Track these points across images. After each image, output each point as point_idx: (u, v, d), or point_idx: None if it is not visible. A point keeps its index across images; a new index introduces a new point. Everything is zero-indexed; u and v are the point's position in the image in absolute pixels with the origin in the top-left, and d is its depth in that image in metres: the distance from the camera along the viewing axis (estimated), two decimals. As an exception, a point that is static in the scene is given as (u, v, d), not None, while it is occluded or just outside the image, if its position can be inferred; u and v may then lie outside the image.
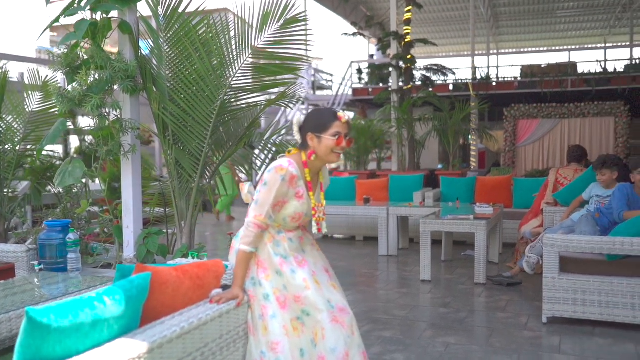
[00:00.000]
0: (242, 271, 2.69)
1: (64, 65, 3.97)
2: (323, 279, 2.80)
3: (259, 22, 3.75)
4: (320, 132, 2.67)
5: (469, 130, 12.49)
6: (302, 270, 2.71)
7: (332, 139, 2.65)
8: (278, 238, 2.77)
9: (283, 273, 2.70)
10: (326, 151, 2.67)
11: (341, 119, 2.67)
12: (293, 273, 2.70)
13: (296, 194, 2.69)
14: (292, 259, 2.74)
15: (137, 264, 2.45)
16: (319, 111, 2.80)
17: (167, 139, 4.06)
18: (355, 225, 8.79)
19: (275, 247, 2.75)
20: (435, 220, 6.02)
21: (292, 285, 2.68)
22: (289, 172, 2.63)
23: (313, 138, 2.69)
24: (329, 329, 2.61)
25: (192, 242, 4.23)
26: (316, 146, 2.69)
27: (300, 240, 2.85)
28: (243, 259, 2.68)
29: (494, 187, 8.29)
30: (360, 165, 12.87)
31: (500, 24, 21.29)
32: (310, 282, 2.68)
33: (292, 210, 2.70)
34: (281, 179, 2.62)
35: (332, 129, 2.65)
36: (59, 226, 4.21)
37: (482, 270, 5.78)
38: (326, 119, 2.69)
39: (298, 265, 2.73)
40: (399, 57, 11.36)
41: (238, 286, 2.68)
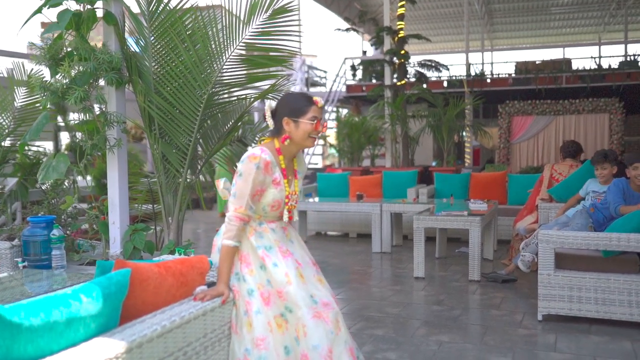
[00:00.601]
0: (227, 267, 2.60)
1: (46, 58, 3.86)
2: (309, 272, 2.71)
3: (247, 12, 3.64)
4: (297, 116, 2.63)
5: (463, 126, 12.43)
6: (285, 263, 2.63)
7: (310, 123, 2.62)
8: (260, 230, 2.69)
9: (266, 267, 2.61)
10: (303, 136, 2.64)
11: (317, 104, 2.65)
12: (275, 267, 2.61)
13: (273, 181, 2.64)
14: (276, 249, 2.66)
15: (117, 260, 2.36)
16: (294, 95, 2.75)
17: (153, 133, 3.96)
18: (348, 222, 8.71)
19: (258, 239, 2.67)
20: (429, 216, 5.93)
21: (275, 280, 2.59)
22: (262, 159, 2.57)
23: (289, 122, 2.65)
24: (311, 325, 2.53)
25: (180, 238, 4.14)
26: (292, 131, 2.65)
27: (284, 230, 2.77)
28: (227, 253, 2.59)
29: (488, 183, 8.22)
30: (353, 161, 12.78)
31: (494, 21, 21.23)
32: (292, 277, 2.59)
33: (270, 198, 2.64)
34: (256, 167, 2.56)
35: (309, 113, 2.63)
36: (43, 222, 4.11)
37: (477, 267, 5.70)
38: (303, 103, 2.65)
39: (282, 256, 2.64)
40: (393, 52, 11.27)
41: (223, 283, 2.59)
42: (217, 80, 3.88)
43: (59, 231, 3.97)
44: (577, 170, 5.85)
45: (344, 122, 12.93)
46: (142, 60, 3.91)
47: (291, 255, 2.67)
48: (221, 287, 2.57)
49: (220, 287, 2.57)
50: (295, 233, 2.88)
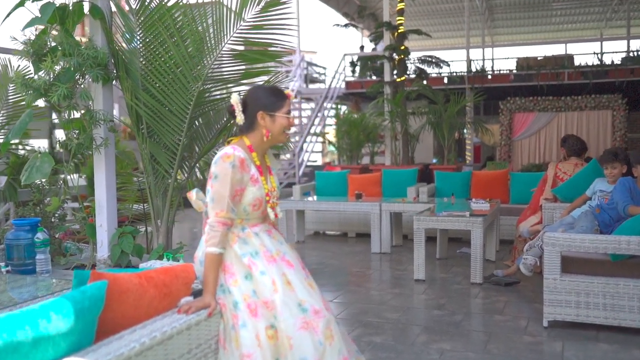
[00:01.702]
0: (213, 276, 2.43)
1: (29, 53, 3.68)
2: (299, 277, 2.54)
3: (238, 5, 3.46)
4: (273, 110, 2.50)
5: (464, 123, 12.24)
6: (271, 270, 2.46)
7: (287, 117, 2.52)
8: (243, 235, 2.53)
9: (252, 276, 2.44)
10: (279, 130, 2.53)
11: (290, 97, 2.55)
12: (263, 275, 2.44)
13: (251, 179, 2.49)
14: (261, 255, 2.49)
15: (92, 271, 2.18)
16: (267, 89, 2.60)
17: (141, 132, 3.79)
18: (347, 221, 8.53)
19: (243, 246, 2.50)
20: (430, 217, 5.76)
21: (261, 289, 2.42)
22: (236, 156, 2.43)
23: (265, 117, 2.51)
24: (296, 337, 2.36)
25: (170, 241, 3.96)
26: (269, 125, 2.52)
27: (269, 233, 2.60)
28: (213, 262, 2.42)
29: (490, 182, 8.04)
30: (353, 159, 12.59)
31: (495, 17, 21.02)
32: (279, 284, 2.43)
33: (251, 196, 2.50)
34: (231, 166, 2.41)
35: (284, 107, 2.52)
36: (27, 225, 3.94)
37: (479, 270, 5.53)
38: (279, 97, 2.53)
39: (267, 262, 2.47)
40: (392, 48, 11.07)
41: (209, 293, 2.41)
42: (209, 77, 3.70)
43: (44, 234, 3.81)
44: (583, 169, 5.66)
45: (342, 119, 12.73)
46: (129, 55, 3.73)
47: (276, 261, 2.51)
48: (207, 298, 2.40)
49: (207, 298, 2.41)
50: (281, 236, 2.72)
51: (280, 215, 2.67)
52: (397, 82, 11.21)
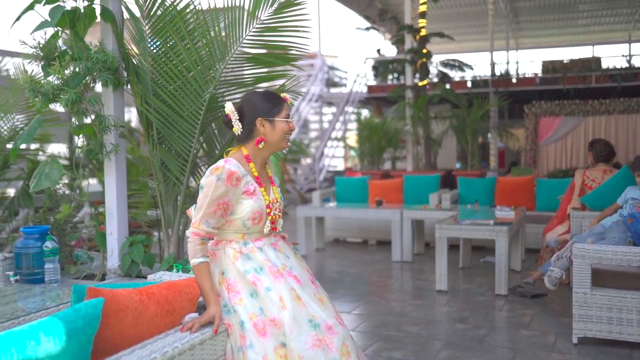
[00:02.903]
0: (208, 285, 2.30)
1: (38, 57, 3.59)
2: (308, 291, 2.39)
3: (251, 6, 3.33)
4: (272, 115, 2.38)
5: (487, 128, 11.97)
6: (278, 285, 2.31)
7: (286, 121, 2.40)
8: (245, 251, 2.38)
9: (258, 293, 2.29)
10: (280, 136, 2.40)
11: (287, 100, 2.42)
12: (269, 291, 2.29)
13: (245, 192, 2.35)
14: (266, 271, 2.34)
15: (88, 287, 2.05)
16: (262, 94, 2.45)
17: (151, 138, 3.67)
18: (367, 228, 8.35)
19: (246, 262, 2.36)
20: (452, 225, 5.55)
21: (268, 306, 2.27)
22: (225, 169, 2.30)
23: (264, 123, 2.38)
24: (309, 356, 2.20)
25: (181, 251, 3.83)
26: (268, 132, 2.39)
27: (275, 247, 2.45)
28: (200, 272, 2.31)
29: (515, 188, 7.79)
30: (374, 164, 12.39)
31: (520, 19, 20.66)
32: (287, 300, 2.27)
33: (248, 210, 2.35)
34: (216, 178, 2.28)
35: (283, 111, 2.39)
36: (36, 233, 3.84)
37: (504, 281, 5.31)
38: (276, 101, 2.40)
39: (273, 277, 2.32)
40: (414, 51, 10.87)
41: (212, 303, 2.28)
42: (221, 81, 3.57)
43: (52, 243, 3.70)
44: (614, 176, 5.40)
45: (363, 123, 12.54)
46: (139, 59, 3.62)
47: (283, 276, 2.35)
48: (211, 310, 2.27)
49: (211, 309, 2.27)
50: (289, 247, 2.56)
51: (279, 229, 2.52)
52: (419, 86, 11.00)
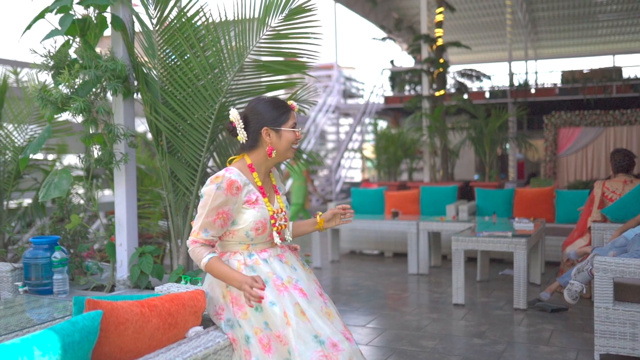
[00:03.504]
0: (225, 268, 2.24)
1: (48, 67, 3.57)
2: (315, 306, 2.30)
3: (261, 12, 3.27)
4: (279, 125, 2.30)
5: (506, 138, 11.81)
6: (282, 300, 2.23)
7: (293, 131, 2.32)
8: (250, 263, 2.31)
9: (262, 307, 2.21)
10: (286, 146, 2.33)
11: (294, 108, 2.35)
12: (273, 306, 2.21)
13: (247, 202, 2.28)
14: (271, 284, 2.26)
15: (87, 299, 1.98)
16: (268, 101, 2.36)
17: (161, 147, 3.62)
18: (383, 240, 8.23)
19: (250, 275, 2.27)
20: (469, 237, 5.43)
21: (273, 321, 2.19)
22: (225, 178, 2.24)
23: (270, 133, 2.31)
24: None
25: (190, 262, 3.77)
26: (274, 142, 2.32)
27: (281, 258, 2.37)
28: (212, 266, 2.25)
29: (534, 200, 7.63)
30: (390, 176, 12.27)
31: (538, 30, 20.48)
32: (291, 316, 2.19)
33: (250, 219, 2.28)
34: (216, 187, 2.23)
35: (290, 120, 2.32)
36: (45, 243, 3.80)
37: (523, 294, 5.16)
38: (283, 110, 2.32)
39: (278, 292, 2.24)
40: (430, 61, 10.77)
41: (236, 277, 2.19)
42: (231, 89, 3.51)
43: (61, 254, 3.66)
44: (636, 187, 5.24)
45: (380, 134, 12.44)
46: (149, 67, 3.58)
47: (287, 289, 2.27)
48: (241, 278, 2.17)
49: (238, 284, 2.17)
50: (297, 258, 2.48)
51: (288, 238, 2.44)
52: (436, 96, 10.89)
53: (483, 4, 17.49)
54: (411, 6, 16.95)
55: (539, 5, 17.72)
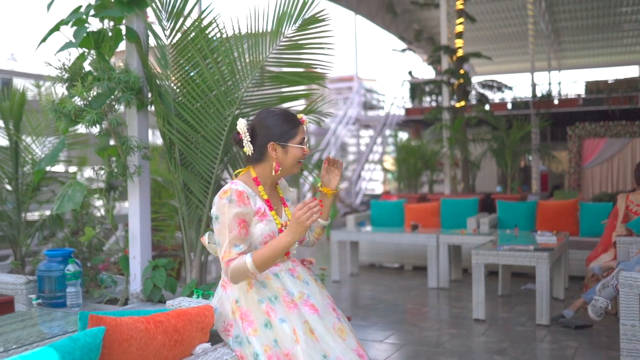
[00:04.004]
0: (270, 246, 2.18)
1: (62, 79, 3.57)
2: (326, 322, 2.23)
3: (275, 23, 3.23)
4: (286, 140, 2.23)
5: (528, 150, 11.62)
6: (291, 317, 2.16)
7: (300, 147, 2.26)
8: (261, 278, 2.25)
9: (272, 324, 2.15)
10: (292, 162, 2.27)
11: (304, 122, 2.29)
12: (282, 323, 2.14)
13: (256, 213, 2.22)
14: (281, 300, 2.19)
15: (90, 315, 1.94)
16: (277, 114, 2.29)
17: (174, 159, 3.59)
18: (403, 253, 8.12)
19: (260, 290, 2.22)
20: (490, 251, 5.30)
21: (282, 339, 2.12)
22: (232, 190, 2.19)
23: (276, 148, 2.25)
24: None
25: (203, 276, 3.72)
26: (280, 157, 2.25)
27: (292, 272, 2.31)
28: (261, 258, 2.16)
29: (557, 212, 7.46)
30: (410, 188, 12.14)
31: (562, 40, 20.26)
32: (300, 334, 2.12)
33: (258, 233, 2.22)
34: (227, 201, 2.17)
35: (298, 136, 2.25)
36: (59, 256, 3.79)
37: (545, 310, 5.02)
38: (291, 124, 2.25)
39: (287, 308, 2.18)
40: (451, 72, 10.67)
41: (285, 234, 2.17)
42: (244, 100, 3.47)
43: (75, 266, 3.64)
44: (664, 199, 5.08)
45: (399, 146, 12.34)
46: (161, 78, 3.56)
47: (297, 306, 2.20)
48: (290, 229, 2.14)
49: (288, 232, 2.15)
50: (308, 273, 2.41)
51: (293, 252, 2.38)
52: (457, 107, 10.78)
53: (505, 15, 17.37)
54: (432, 17, 16.87)
55: (562, 15, 17.54)
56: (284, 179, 2.49)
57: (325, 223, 2.45)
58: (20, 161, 5.11)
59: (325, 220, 2.44)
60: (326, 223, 2.45)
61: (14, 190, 5.06)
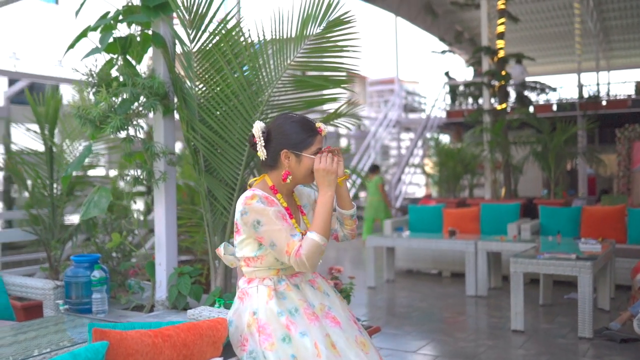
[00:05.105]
0: (318, 213, 2.14)
1: (89, 84, 3.56)
2: (348, 335, 2.14)
3: (299, 26, 3.14)
4: (300, 149, 2.14)
5: (574, 153, 11.21)
6: (313, 330, 2.06)
7: (314, 157, 2.14)
8: (281, 289, 2.16)
9: (292, 338, 2.05)
10: (305, 172, 2.16)
11: (322, 132, 2.17)
12: (303, 336, 2.05)
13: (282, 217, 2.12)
14: (301, 313, 2.09)
15: (94, 329, 1.88)
16: (295, 122, 2.19)
17: (198, 165, 3.54)
18: (441, 259, 7.93)
19: (280, 302, 2.13)
20: (529, 259, 5.09)
21: (302, 353, 2.03)
22: (257, 195, 2.11)
23: (290, 156, 2.15)
24: None
25: (228, 284, 3.66)
26: (294, 166, 2.16)
27: (312, 283, 2.22)
28: (320, 229, 2.11)
29: (603, 218, 7.14)
30: (450, 192, 11.87)
31: (611, 39, 19.58)
32: (322, 348, 2.02)
33: None
34: (258, 202, 2.10)
35: (314, 145, 2.15)
36: (86, 262, 3.79)
37: (588, 322, 4.78)
38: (307, 133, 2.15)
39: (309, 321, 2.08)
40: (492, 73, 10.39)
41: (321, 192, 2.15)
42: (269, 105, 3.40)
43: (100, 273, 3.63)
44: None
45: (438, 149, 12.09)
46: (189, 84, 3.52)
47: (318, 319, 2.11)
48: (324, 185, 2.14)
49: (322, 190, 2.15)
50: (329, 285, 2.31)
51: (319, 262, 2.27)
52: (498, 110, 10.49)
53: (549, 14, 16.89)
54: (473, 18, 16.53)
55: (612, 13, 16.94)
56: (301, 187, 2.39)
57: (350, 212, 2.30)
58: (56, 166, 5.17)
59: (349, 208, 2.31)
60: (352, 212, 2.30)
61: (48, 195, 5.12)
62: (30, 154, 5.27)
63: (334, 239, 2.37)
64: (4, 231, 5.51)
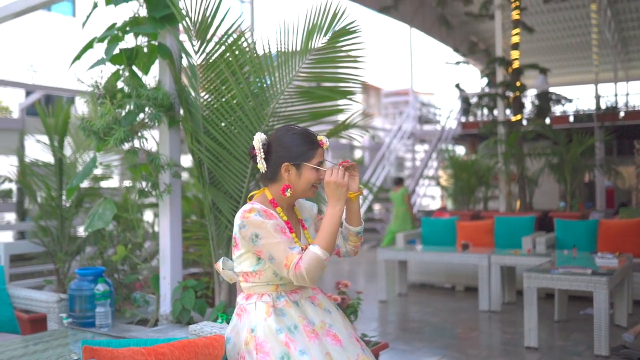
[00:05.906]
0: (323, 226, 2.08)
1: (95, 96, 3.54)
2: (349, 354, 2.07)
3: (304, 36, 3.10)
4: (300, 161, 2.09)
5: (591, 165, 11.03)
6: (313, 348, 1.99)
7: (316, 170, 2.10)
8: (280, 305, 2.09)
9: (291, 355, 1.99)
10: (306, 186, 2.11)
11: (323, 145, 2.12)
12: (302, 355, 1.98)
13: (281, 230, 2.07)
14: (301, 330, 2.03)
15: (84, 346, 1.83)
16: (298, 134, 2.13)
17: (202, 177, 3.49)
18: (454, 273, 7.80)
19: (279, 320, 2.06)
20: (542, 274, 4.96)
21: None
22: (255, 208, 2.06)
23: (290, 169, 2.10)
24: None
25: (232, 298, 3.59)
26: (294, 180, 2.10)
27: (312, 300, 2.15)
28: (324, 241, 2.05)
29: (620, 232, 6.97)
30: (463, 204, 11.73)
31: (629, 49, 19.34)
32: None
33: None
34: (257, 215, 2.04)
35: (315, 159, 2.10)
36: (90, 275, 3.76)
37: (604, 339, 4.64)
38: (308, 146, 2.09)
39: (308, 339, 2.01)
40: (506, 84, 10.28)
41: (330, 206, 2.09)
42: (275, 116, 3.35)
43: (104, 286, 3.59)
44: None
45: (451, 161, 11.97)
46: (193, 95, 3.48)
47: (319, 337, 2.04)
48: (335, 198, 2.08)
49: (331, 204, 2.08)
50: (331, 302, 2.24)
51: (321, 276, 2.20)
52: (513, 121, 10.36)
53: (566, 25, 16.73)
54: (488, 29, 16.43)
55: (630, 24, 16.73)
56: (302, 200, 2.33)
57: (357, 229, 2.23)
58: (65, 177, 5.16)
59: (357, 225, 2.24)
60: (359, 229, 2.24)
61: (57, 207, 5.11)
62: (40, 165, 5.27)
63: (336, 254, 2.31)
64: (13, 243, 5.50)
